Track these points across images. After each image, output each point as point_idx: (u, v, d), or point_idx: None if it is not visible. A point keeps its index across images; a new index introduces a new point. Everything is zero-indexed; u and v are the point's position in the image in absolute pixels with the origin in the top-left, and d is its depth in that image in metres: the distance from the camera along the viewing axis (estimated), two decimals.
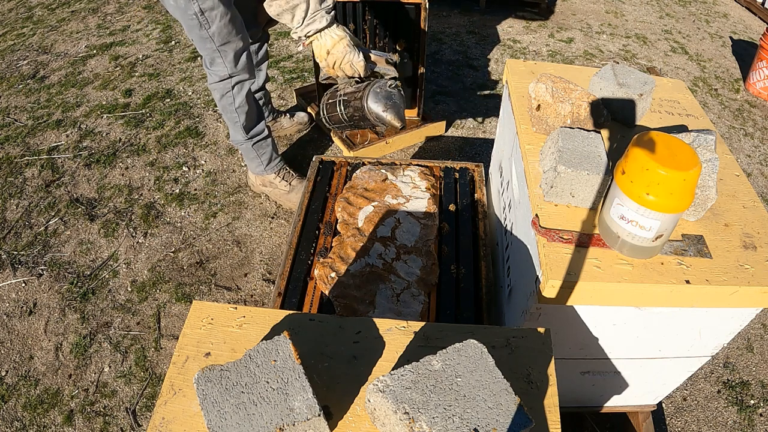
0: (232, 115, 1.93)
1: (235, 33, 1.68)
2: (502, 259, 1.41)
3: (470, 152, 2.64)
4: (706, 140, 1.03)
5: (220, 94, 1.86)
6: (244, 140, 2.04)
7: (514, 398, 0.67)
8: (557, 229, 1.02)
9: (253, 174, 2.25)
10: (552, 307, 1.03)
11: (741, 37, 3.89)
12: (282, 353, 0.70)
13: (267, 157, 2.15)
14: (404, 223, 1.35)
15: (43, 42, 3.38)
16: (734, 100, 3.19)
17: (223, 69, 1.76)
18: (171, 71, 3.11)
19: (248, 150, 2.10)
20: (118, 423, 1.61)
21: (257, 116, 2.02)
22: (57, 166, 2.47)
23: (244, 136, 2.02)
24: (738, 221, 1.08)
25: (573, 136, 1.07)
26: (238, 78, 1.81)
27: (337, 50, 1.34)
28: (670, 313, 1.06)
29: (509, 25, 3.76)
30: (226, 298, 1.96)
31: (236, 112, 1.91)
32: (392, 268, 1.26)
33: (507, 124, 1.47)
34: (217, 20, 1.60)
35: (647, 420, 1.53)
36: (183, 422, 0.74)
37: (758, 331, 1.97)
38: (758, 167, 2.71)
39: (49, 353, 1.78)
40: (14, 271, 2.01)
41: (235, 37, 1.69)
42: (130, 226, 2.20)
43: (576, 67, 1.53)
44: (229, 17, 1.63)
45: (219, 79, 1.80)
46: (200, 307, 0.88)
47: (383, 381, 0.68)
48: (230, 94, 1.85)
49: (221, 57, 1.72)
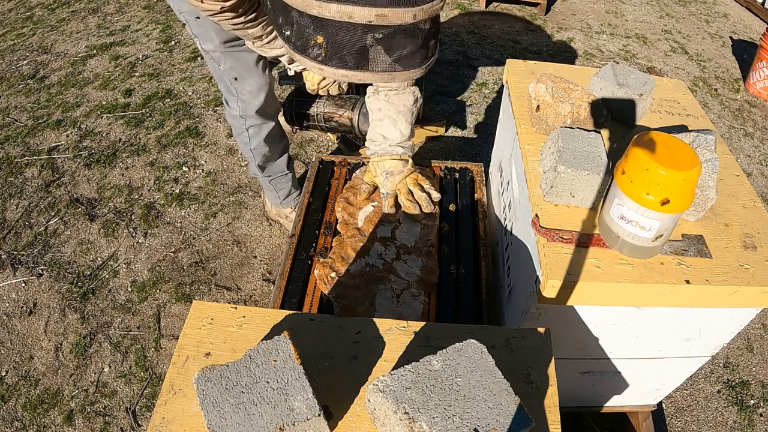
0: (248, 154, 1.83)
1: (249, 75, 1.57)
2: (502, 259, 1.41)
3: (470, 152, 2.64)
4: (706, 140, 1.02)
5: (235, 131, 1.77)
6: (260, 176, 1.95)
7: (514, 398, 0.67)
8: (557, 229, 1.02)
9: (269, 202, 2.18)
10: (552, 307, 1.03)
11: (741, 37, 3.89)
12: (282, 353, 0.70)
13: (285, 192, 2.06)
14: (404, 223, 1.35)
15: (43, 42, 3.38)
16: (734, 100, 3.19)
17: (235, 109, 1.67)
18: (171, 71, 3.11)
19: (264, 183, 2.01)
20: (118, 423, 1.61)
21: (277, 155, 1.90)
22: (57, 166, 2.47)
23: (260, 173, 1.93)
24: (738, 221, 1.07)
25: (573, 136, 1.07)
26: (252, 122, 1.71)
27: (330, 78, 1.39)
28: (670, 313, 1.06)
29: (509, 25, 3.75)
30: (226, 298, 1.96)
31: (251, 152, 1.81)
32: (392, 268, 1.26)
33: (507, 124, 1.47)
34: (223, 62, 1.51)
35: (647, 420, 1.53)
36: (183, 422, 0.74)
37: (758, 331, 1.97)
38: (758, 167, 2.71)
39: (49, 353, 1.78)
40: (14, 271, 2.01)
41: (251, 79, 1.58)
42: (130, 226, 2.20)
43: (576, 67, 1.53)
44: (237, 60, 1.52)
45: (232, 116, 1.71)
46: (200, 307, 0.88)
47: (383, 381, 0.68)
48: (245, 134, 1.75)
49: (235, 96, 1.63)
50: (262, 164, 1.86)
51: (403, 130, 1.33)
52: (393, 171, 1.34)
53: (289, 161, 1.98)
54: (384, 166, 1.35)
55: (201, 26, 1.43)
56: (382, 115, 1.32)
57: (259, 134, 1.75)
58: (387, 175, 1.34)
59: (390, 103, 1.31)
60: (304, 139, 2.65)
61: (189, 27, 1.47)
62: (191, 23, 1.44)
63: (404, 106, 1.32)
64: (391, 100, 1.31)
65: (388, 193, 1.35)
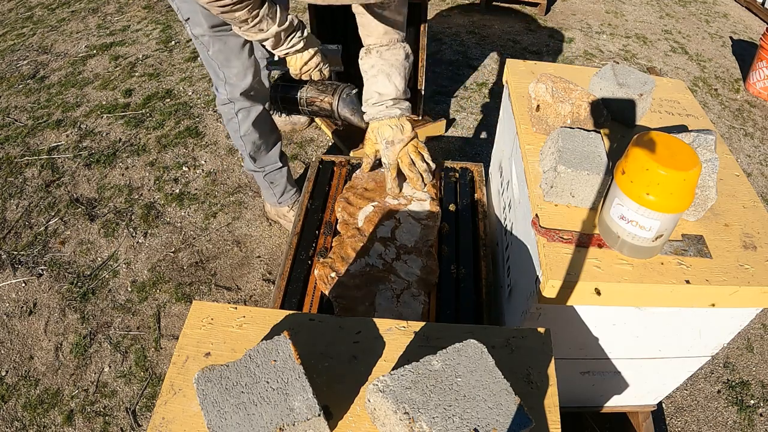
0: (239, 143, 1.84)
1: (235, 58, 1.60)
2: (502, 259, 1.41)
3: (470, 152, 2.64)
4: (706, 140, 1.02)
5: (225, 118, 1.78)
6: (254, 170, 1.95)
7: (514, 398, 0.67)
8: (557, 229, 1.02)
9: (267, 203, 2.19)
10: (552, 307, 1.03)
11: (741, 37, 3.89)
12: (282, 353, 0.70)
13: (280, 189, 2.05)
14: (404, 223, 1.35)
15: (43, 42, 3.38)
16: (734, 100, 3.19)
17: (223, 93, 1.69)
18: (171, 71, 3.11)
19: (260, 179, 2.01)
20: (118, 423, 1.61)
21: (269, 145, 1.91)
22: (57, 166, 2.47)
23: (252, 165, 1.93)
24: (738, 221, 1.07)
25: (573, 136, 1.07)
26: (241, 105, 1.72)
27: (312, 62, 1.43)
28: (670, 313, 1.06)
29: (509, 25, 3.76)
30: (226, 298, 1.96)
31: (242, 140, 1.82)
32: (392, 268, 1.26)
33: (507, 124, 1.47)
34: (211, 45, 1.55)
35: (647, 420, 1.53)
36: (183, 422, 0.74)
37: (758, 331, 1.97)
38: (758, 167, 2.71)
39: (49, 353, 1.78)
40: (14, 271, 2.01)
41: (237, 62, 1.61)
42: (130, 226, 2.20)
43: (576, 67, 1.53)
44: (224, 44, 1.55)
45: (222, 103, 1.73)
46: (200, 307, 0.88)
47: (383, 381, 0.68)
48: (235, 120, 1.76)
49: (223, 80, 1.65)
50: (253, 154, 1.88)
51: (397, 84, 1.33)
52: (393, 140, 1.34)
53: (282, 156, 1.99)
54: (384, 134, 1.34)
55: (191, 12, 1.48)
56: (376, 71, 1.32)
57: (248, 118, 1.77)
58: (387, 145, 1.34)
59: (382, 59, 1.32)
60: (304, 139, 2.65)
61: (180, 12, 1.51)
62: (182, 9, 1.49)
63: (397, 60, 1.32)
64: (383, 56, 1.32)
65: (390, 164, 1.36)
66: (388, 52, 1.32)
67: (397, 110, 1.34)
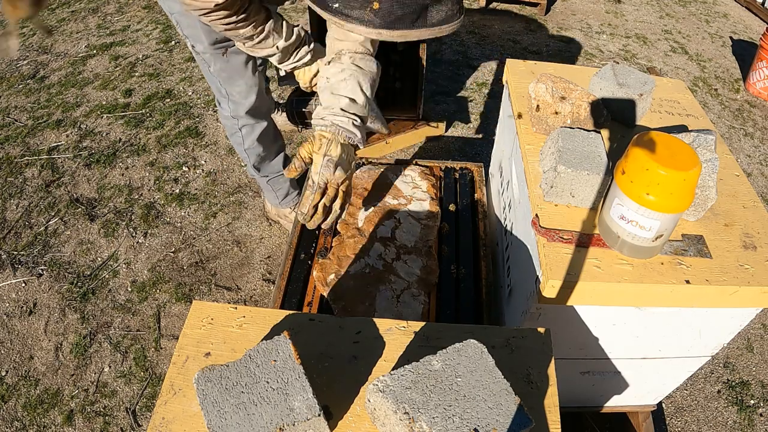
0: (243, 155, 1.83)
1: (239, 77, 1.57)
2: (502, 259, 1.41)
3: (470, 152, 2.64)
4: (706, 140, 1.02)
5: (228, 131, 1.77)
6: (258, 176, 1.95)
7: (514, 398, 0.67)
8: (557, 229, 1.02)
9: (269, 203, 2.19)
10: (552, 307, 1.03)
11: (741, 37, 3.89)
12: (282, 353, 0.70)
13: (283, 192, 2.05)
14: (404, 223, 1.35)
15: (43, 42, 3.37)
16: (734, 100, 3.19)
17: (227, 109, 1.67)
18: (171, 71, 3.11)
19: (263, 184, 2.01)
20: (118, 423, 1.61)
21: (272, 155, 1.89)
22: (57, 166, 2.47)
23: (256, 173, 1.93)
24: (738, 221, 1.08)
25: (573, 136, 1.07)
26: (245, 121, 1.70)
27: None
28: (670, 313, 1.06)
29: (509, 25, 3.75)
30: (226, 298, 1.96)
31: (246, 152, 1.80)
32: (392, 268, 1.26)
33: (507, 124, 1.47)
34: (213, 63, 1.52)
35: (647, 420, 1.53)
36: (183, 422, 0.74)
37: (758, 331, 1.97)
38: (758, 167, 2.71)
39: (49, 353, 1.78)
40: (14, 271, 2.01)
41: (240, 80, 1.58)
42: (130, 226, 2.20)
43: (576, 67, 1.53)
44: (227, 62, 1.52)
45: (225, 117, 1.71)
46: (200, 307, 0.88)
47: (383, 381, 0.68)
48: (239, 134, 1.74)
49: (226, 97, 1.63)
50: (257, 165, 1.87)
51: (368, 95, 1.16)
52: (338, 164, 1.10)
53: (286, 161, 1.97)
54: (332, 152, 1.10)
55: (191, 27, 1.42)
56: (347, 75, 1.13)
57: (252, 134, 1.75)
58: (329, 165, 1.09)
59: (355, 65, 1.15)
60: (304, 139, 2.65)
61: (180, 28, 1.46)
62: (182, 24, 1.43)
63: (370, 71, 1.18)
64: (356, 62, 1.16)
65: (318, 186, 1.10)
66: (362, 61, 1.16)
67: (358, 135, 1.14)
